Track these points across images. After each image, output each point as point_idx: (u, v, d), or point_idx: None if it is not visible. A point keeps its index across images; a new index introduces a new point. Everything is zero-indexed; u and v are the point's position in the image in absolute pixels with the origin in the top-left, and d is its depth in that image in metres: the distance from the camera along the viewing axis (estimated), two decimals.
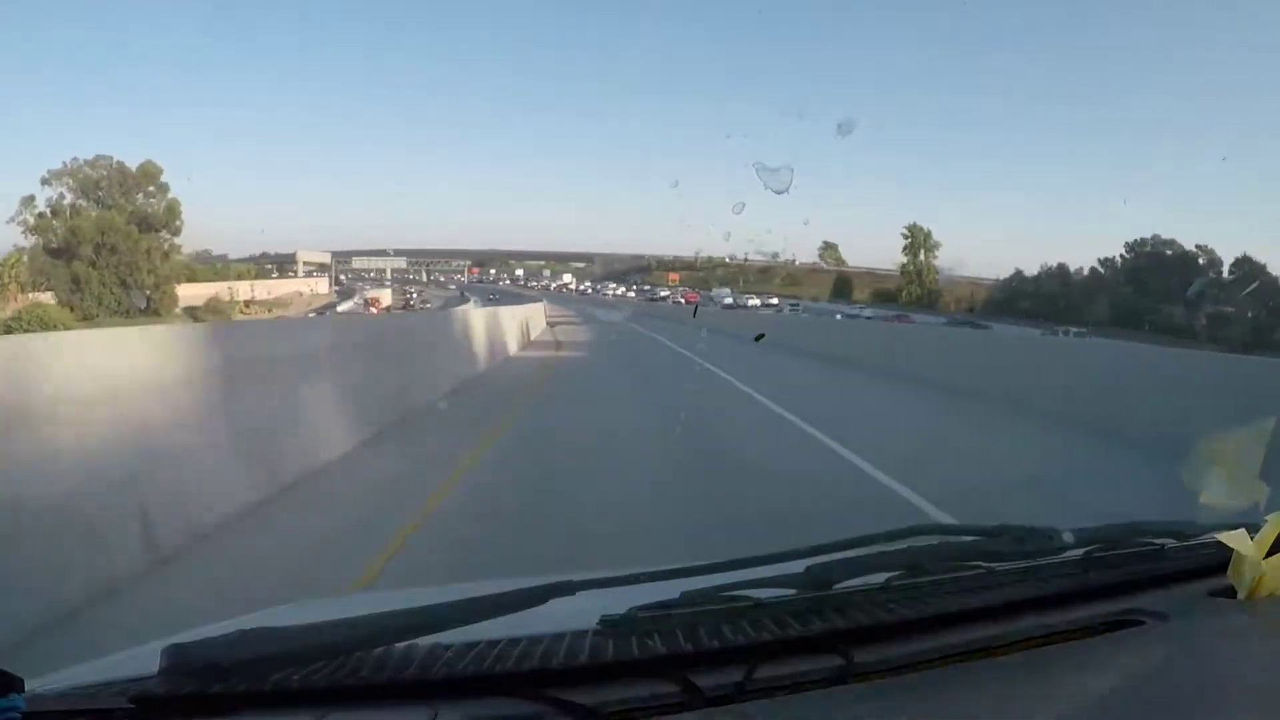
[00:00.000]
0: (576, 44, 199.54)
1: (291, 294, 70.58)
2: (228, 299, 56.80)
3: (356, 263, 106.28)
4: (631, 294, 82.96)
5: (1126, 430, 7.07)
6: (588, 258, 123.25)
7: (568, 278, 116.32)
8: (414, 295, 76.63)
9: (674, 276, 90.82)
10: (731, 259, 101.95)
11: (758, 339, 20.93)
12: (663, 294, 78.22)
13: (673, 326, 29.72)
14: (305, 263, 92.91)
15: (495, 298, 56.39)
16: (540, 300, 36.34)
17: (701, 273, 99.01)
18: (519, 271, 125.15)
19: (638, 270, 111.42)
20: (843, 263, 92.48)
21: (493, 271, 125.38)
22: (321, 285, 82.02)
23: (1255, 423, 1.06)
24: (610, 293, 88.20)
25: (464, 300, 53.14)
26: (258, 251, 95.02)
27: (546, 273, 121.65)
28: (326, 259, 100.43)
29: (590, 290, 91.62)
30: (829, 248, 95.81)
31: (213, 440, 4.19)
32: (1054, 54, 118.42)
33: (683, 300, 64.40)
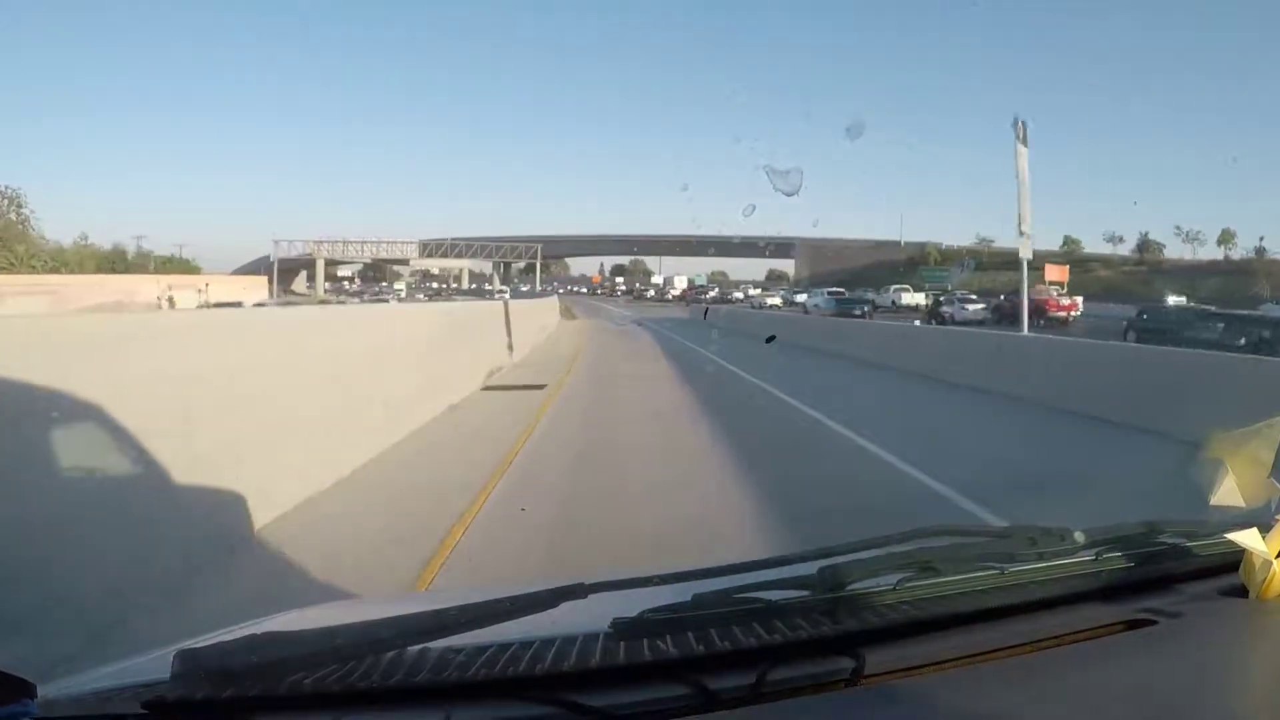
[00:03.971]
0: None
1: (111, 303, 33.28)
2: None
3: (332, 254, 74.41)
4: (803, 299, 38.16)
5: None
6: (788, 245, 70.06)
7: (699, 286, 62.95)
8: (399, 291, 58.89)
9: (1057, 272, 37.32)
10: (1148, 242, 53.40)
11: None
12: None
13: None
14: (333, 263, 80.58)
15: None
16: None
17: (1137, 268, 50.71)
18: (656, 279, 76.70)
19: (908, 261, 58.36)
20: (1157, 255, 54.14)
21: (618, 280, 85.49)
22: (258, 289, 48.83)
23: (1267, 422, 1.05)
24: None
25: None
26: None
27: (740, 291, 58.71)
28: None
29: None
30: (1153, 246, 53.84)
31: None
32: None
33: None
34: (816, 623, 0.82)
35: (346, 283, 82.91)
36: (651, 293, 64.51)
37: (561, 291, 62.61)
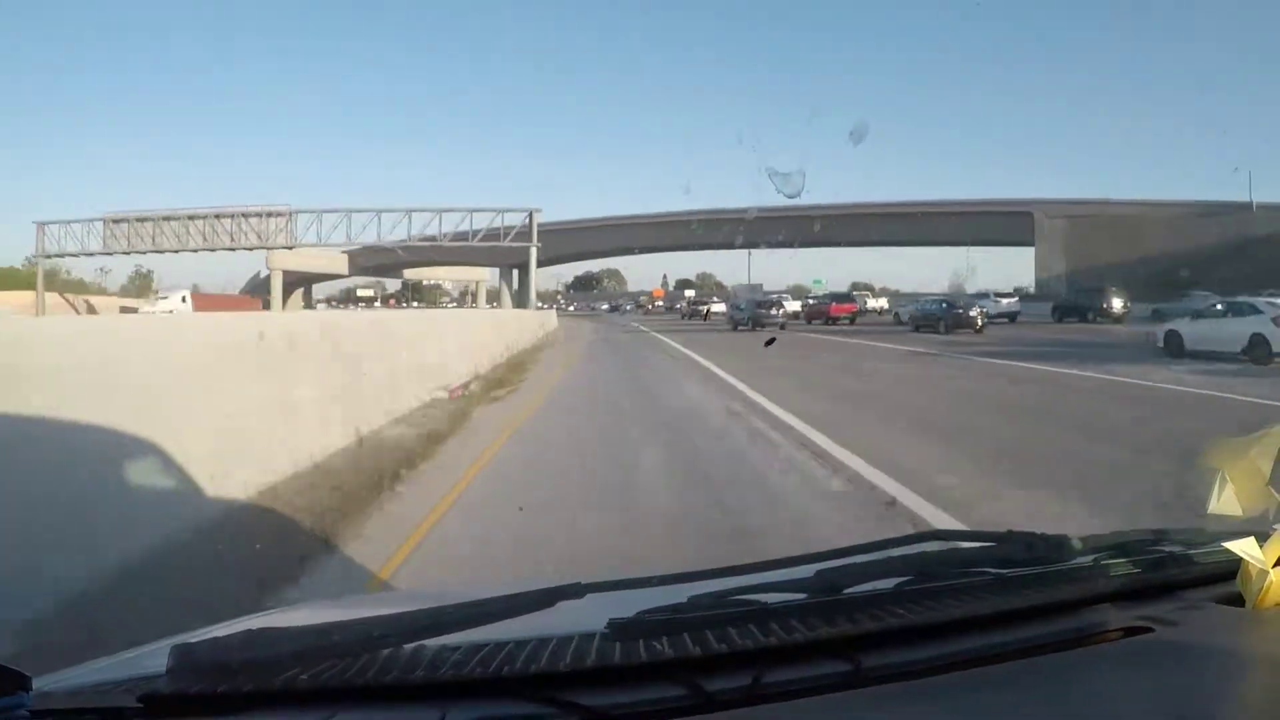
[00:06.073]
0: None
1: None
2: None
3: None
4: None
5: None
6: (1020, 217, 45.51)
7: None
8: None
9: None
10: None
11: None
12: None
13: None
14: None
15: None
16: None
17: None
18: (794, 304, 35.79)
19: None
20: None
21: (687, 293, 59.67)
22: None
23: (1266, 430, 1.05)
24: None
25: None
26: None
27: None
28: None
29: None
30: None
31: None
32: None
33: None
34: (813, 626, 0.82)
35: (374, 304, 70.58)
36: (722, 308, 42.59)
37: (574, 308, 50.44)
